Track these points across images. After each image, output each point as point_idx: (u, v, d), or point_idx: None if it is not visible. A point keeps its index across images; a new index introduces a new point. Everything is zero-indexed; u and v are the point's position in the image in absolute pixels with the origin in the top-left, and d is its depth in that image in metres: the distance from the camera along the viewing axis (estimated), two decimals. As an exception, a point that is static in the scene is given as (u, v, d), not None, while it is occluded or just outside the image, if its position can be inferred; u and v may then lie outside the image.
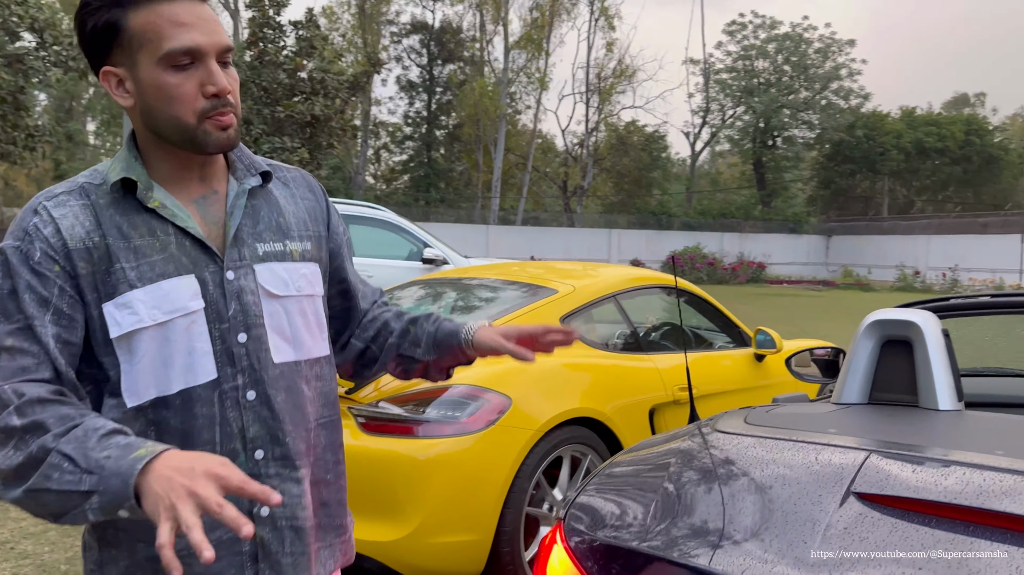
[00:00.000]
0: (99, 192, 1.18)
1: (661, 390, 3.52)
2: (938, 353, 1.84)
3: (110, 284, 1.13)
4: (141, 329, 1.13)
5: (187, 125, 1.14)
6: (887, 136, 35.43)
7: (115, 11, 1.12)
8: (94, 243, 1.14)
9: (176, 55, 1.12)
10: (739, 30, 38.79)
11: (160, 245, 1.16)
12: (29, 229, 1.13)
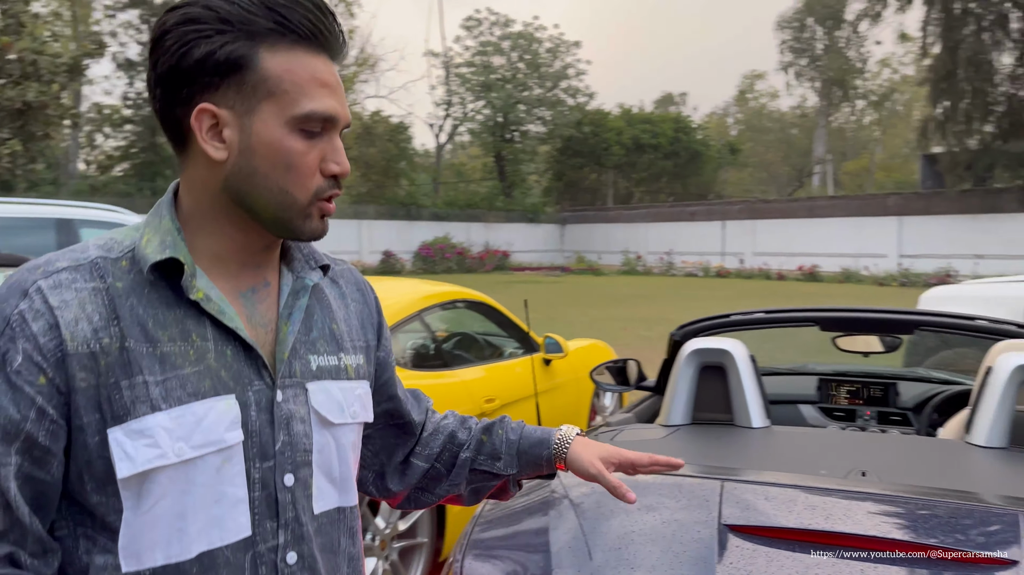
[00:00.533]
0: (117, 272, 0.88)
1: (469, 403, 3.65)
2: (748, 377, 2.13)
3: (122, 403, 0.84)
4: (159, 468, 0.85)
5: (294, 202, 0.91)
6: (610, 132, 38.58)
7: (245, 43, 0.87)
8: (103, 346, 0.85)
9: (313, 119, 0.90)
10: (476, 26, 40.02)
11: (195, 353, 0.88)
12: (12, 319, 0.83)
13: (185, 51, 0.87)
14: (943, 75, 25.60)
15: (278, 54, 0.89)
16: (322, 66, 0.91)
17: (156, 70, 0.89)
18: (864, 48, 44.95)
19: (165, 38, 0.88)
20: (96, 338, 0.85)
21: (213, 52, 0.86)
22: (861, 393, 3.11)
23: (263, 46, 0.88)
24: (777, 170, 52.87)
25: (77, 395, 0.84)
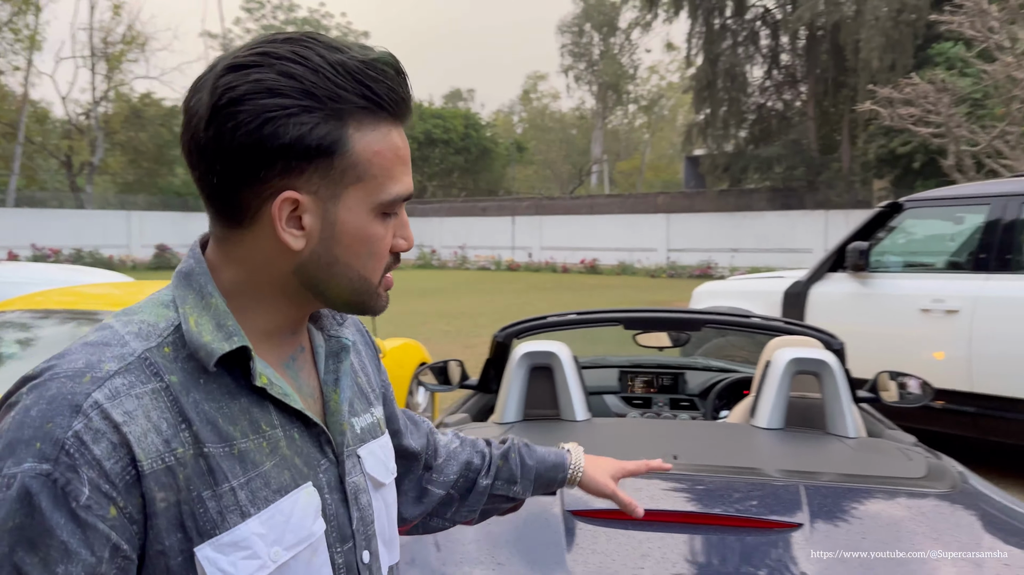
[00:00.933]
0: (167, 364, 0.76)
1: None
2: (572, 376, 2.34)
3: (208, 516, 0.74)
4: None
5: (368, 286, 0.84)
6: (401, 126, 38.62)
7: (335, 124, 0.77)
8: (178, 457, 0.73)
9: (396, 204, 0.83)
10: (258, 8, 38.36)
11: (268, 445, 0.79)
12: (67, 444, 0.68)
13: (270, 131, 0.75)
14: (705, 84, 28.20)
15: (366, 134, 0.79)
16: (401, 141, 0.83)
17: (220, 142, 0.76)
18: (636, 55, 48.26)
19: (238, 108, 0.75)
20: (170, 450, 0.73)
21: (303, 136, 0.75)
22: (655, 382, 3.47)
23: (351, 125, 0.78)
24: (559, 168, 55.49)
25: (157, 519, 0.72)
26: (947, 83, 9.95)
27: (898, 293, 5.21)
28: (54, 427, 0.69)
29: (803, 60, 27.88)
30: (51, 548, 0.67)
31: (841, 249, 5.56)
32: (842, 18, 23.85)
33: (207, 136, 0.76)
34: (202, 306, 0.79)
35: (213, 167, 0.77)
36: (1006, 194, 4.91)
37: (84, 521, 0.68)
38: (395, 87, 0.79)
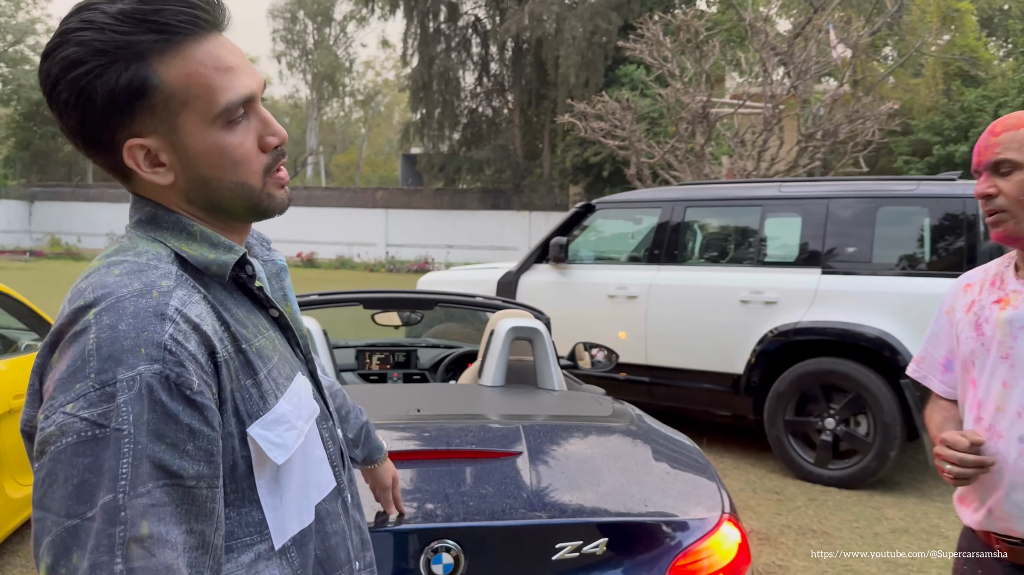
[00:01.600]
0: (201, 280, 0.88)
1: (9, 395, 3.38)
2: (323, 349, 2.56)
3: (254, 401, 0.87)
4: (295, 444, 0.92)
5: (252, 189, 0.91)
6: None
7: (137, 66, 0.83)
8: (230, 352, 0.86)
9: (234, 108, 0.87)
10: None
11: (270, 343, 0.93)
12: (168, 344, 0.79)
13: (86, 98, 0.84)
14: (421, 85, 29.04)
15: (171, 63, 0.85)
16: (216, 49, 0.88)
17: (66, 123, 0.86)
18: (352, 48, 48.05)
19: (57, 90, 0.84)
20: (224, 346, 0.86)
21: (113, 90, 0.83)
22: (389, 359, 3.78)
23: (154, 61, 0.84)
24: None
25: (226, 404, 0.85)
26: (631, 102, 11.44)
27: (590, 281, 6.04)
28: (151, 334, 0.78)
29: (510, 70, 29.79)
30: (178, 432, 0.78)
31: (545, 244, 6.29)
32: (544, 34, 25.88)
33: (60, 123, 0.88)
34: (186, 236, 0.90)
35: (76, 143, 0.88)
36: (673, 199, 5.92)
37: (200, 404, 0.80)
38: (182, 8, 0.85)
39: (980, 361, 1.54)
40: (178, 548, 0.77)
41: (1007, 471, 1.46)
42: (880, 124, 10.41)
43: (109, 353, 0.77)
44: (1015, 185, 1.44)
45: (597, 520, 1.76)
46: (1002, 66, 26.70)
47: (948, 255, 4.82)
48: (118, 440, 0.75)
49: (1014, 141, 1.44)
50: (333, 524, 0.99)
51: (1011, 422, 1.47)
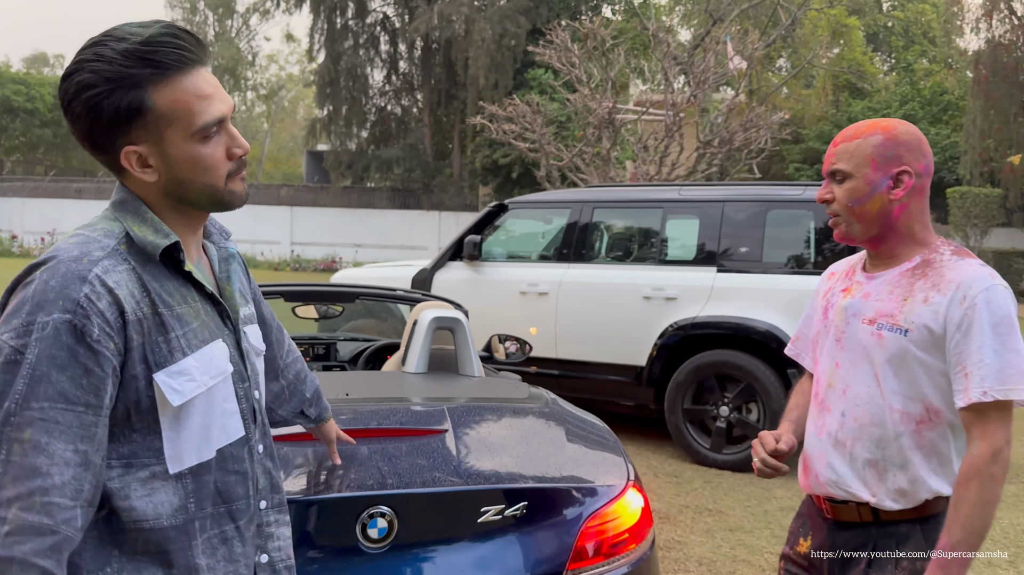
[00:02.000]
0: (134, 256, 1.13)
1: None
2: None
3: (162, 354, 1.11)
4: (195, 395, 1.14)
5: (217, 189, 1.18)
6: (-28, 88, 32.81)
7: (135, 92, 1.09)
8: (144, 313, 1.11)
9: (209, 128, 1.14)
10: None
11: (193, 311, 1.17)
12: (81, 300, 1.04)
13: (95, 114, 1.10)
14: (328, 81, 28.67)
15: (162, 91, 1.12)
16: (198, 81, 1.14)
17: (77, 130, 1.13)
18: (255, 42, 46.83)
19: (73, 106, 1.11)
20: (139, 308, 1.10)
21: (117, 109, 1.10)
22: (309, 352, 3.87)
23: (149, 88, 1.11)
24: (171, 151, 51.61)
25: (132, 353, 1.09)
26: (541, 106, 11.73)
27: (503, 278, 6.24)
28: (70, 291, 1.04)
29: (419, 69, 29.79)
30: (75, 368, 1.03)
31: (459, 242, 6.46)
32: (454, 35, 26.02)
33: (70, 127, 1.14)
34: (139, 219, 1.17)
35: (85, 145, 1.16)
36: (582, 201, 6.19)
37: (96, 350, 1.05)
38: (174, 49, 1.12)
39: (822, 342, 1.75)
40: (58, 457, 1.01)
41: (829, 443, 1.68)
42: (772, 133, 11.05)
43: (38, 301, 1.04)
44: (845, 192, 1.63)
45: (517, 486, 1.95)
46: (886, 79, 28.52)
47: (832, 255, 5.25)
48: (24, 365, 1.02)
49: (846, 152, 1.63)
50: (236, 465, 1.22)
51: (837, 398, 1.68)
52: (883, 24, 32.29)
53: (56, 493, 1.00)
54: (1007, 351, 1.49)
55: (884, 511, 1.62)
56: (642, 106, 12.28)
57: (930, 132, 23.17)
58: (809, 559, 1.75)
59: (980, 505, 1.47)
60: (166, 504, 1.12)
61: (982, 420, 1.50)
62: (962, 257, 1.61)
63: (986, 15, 21.72)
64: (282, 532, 1.32)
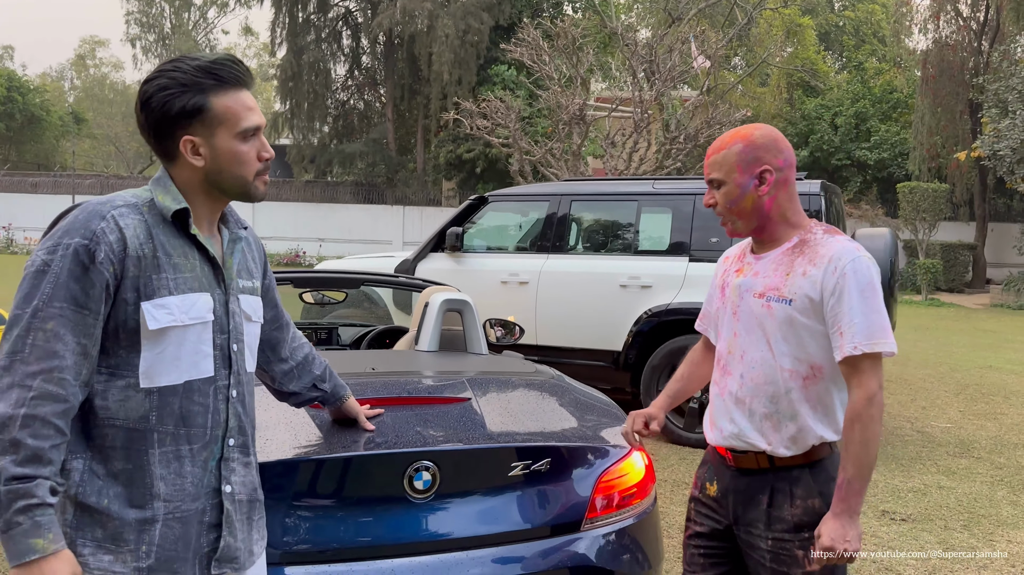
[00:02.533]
0: (149, 213, 1.44)
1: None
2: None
3: (151, 287, 1.40)
4: (172, 327, 1.41)
5: (246, 181, 1.49)
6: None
7: (200, 96, 1.43)
8: (144, 253, 1.40)
9: (249, 132, 1.47)
10: None
11: (190, 265, 1.46)
12: (97, 231, 1.37)
13: (167, 109, 1.44)
14: (290, 75, 28.51)
15: (220, 98, 1.46)
16: (244, 97, 1.49)
17: (148, 119, 1.46)
18: (212, 35, 46.16)
19: (151, 101, 1.45)
20: (141, 248, 1.40)
21: (184, 106, 1.44)
22: (312, 337, 4.06)
23: (211, 95, 1.45)
24: (125, 145, 50.69)
25: (126, 281, 1.39)
26: (510, 102, 11.97)
27: (484, 269, 6.47)
28: (90, 224, 1.38)
29: (382, 64, 29.77)
30: (84, 281, 1.35)
31: (441, 233, 6.66)
32: (417, 31, 26.06)
33: (142, 118, 1.47)
34: (164, 191, 1.49)
35: (148, 133, 1.47)
36: (560, 194, 6.44)
37: (98, 270, 1.37)
38: (233, 71, 1.47)
39: (722, 316, 1.99)
40: (69, 346, 1.34)
41: (730, 401, 1.92)
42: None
43: (67, 228, 1.38)
44: (723, 196, 1.89)
45: (540, 445, 2.18)
46: (837, 78, 29.29)
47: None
48: (50, 274, 1.35)
49: (716, 163, 1.89)
50: (200, 398, 1.47)
51: (736, 363, 1.91)
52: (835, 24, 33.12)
53: (67, 372, 1.33)
54: (871, 312, 1.75)
55: (778, 458, 1.86)
56: (608, 103, 12.57)
57: (880, 129, 23.95)
58: (717, 501, 1.98)
59: (864, 443, 1.74)
60: (134, 411, 1.41)
61: (857, 371, 1.76)
62: (832, 235, 1.87)
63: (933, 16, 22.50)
64: (242, 470, 1.55)
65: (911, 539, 4.03)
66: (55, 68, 59.47)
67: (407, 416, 2.22)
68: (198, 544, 1.47)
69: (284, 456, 1.95)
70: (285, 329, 1.87)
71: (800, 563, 1.82)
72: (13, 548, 1.26)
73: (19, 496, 1.26)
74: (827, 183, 5.93)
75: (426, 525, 2.00)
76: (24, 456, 1.27)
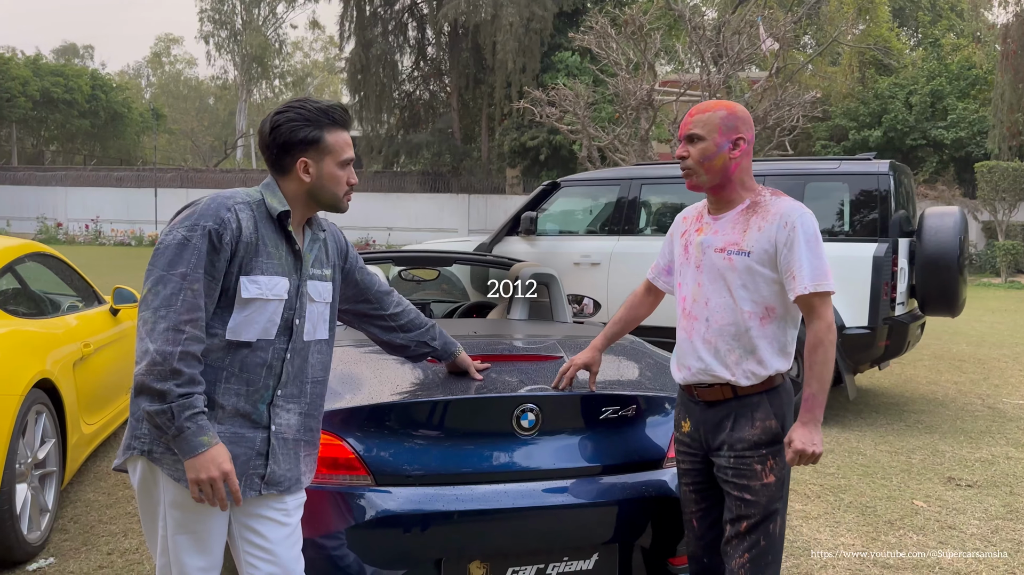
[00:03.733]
0: (258, 210, 1.88)
1: (78, 343, 3.91)
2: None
3: (250, 266, 1.83)
4: (257, 298, 1.84)
5: (338, 197, 1.94)
6: (13, 81, 33.72)
7: (318, 130, 1.88)
8: (252, 240, 1.83)
9: (346, 162, 1.93)
10: None
11: (279, 254, 1.89)
12: (224, 218, 1.79)
13: (291, 136, 1.86)
14: (359, 68, 29.19)
15: (332, 133, 1.90)
16: (346, 135, 1.94)
17: (276, 141, 1.87)
18: (281, 30, 47.27)
19: (280, 127, 1.86)
20: (250, 237, 1.83)
21: (305, 136, 1.86)
22: None
23: (326, 131, 1.88)
24: (201, 139, 52.56)
25: (236, 258, 1.82)
26: (579, 89, 12.20)
27: (557, 251, 6.77)
28: (219, 212, 1.79)
29: (447, 54, 30.20)
30: (214, 255, 1.77)
31: (516, 218, 6.99)
32: (481, 20, 26.36)
33: (268, 140, 1.88)
34: (272, 195, 1.91)
35: (271, 150, 1.89)
36: (630, 178, 6.69)
37: (222, 248, 1.78)
38: (340, 116, 1.91)
39: (684, 270, 2.29)
40: (203, 302, 1.75)
41: (698, 342, 2.19)
42: (804, 111, 11.43)
43: (202, 212, 1.80)
44: (699, 151, 2.16)
45: (627, 393, 2.49)
46: (912, 55, 28.51)
47: (864, 223, 5.72)
48: (192, 247, 1.75)
49: (700, 122, 2.16)
50: (261, 354, 1.87)
51: (701, 309, 2.20)
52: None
53: (203, 321, 1.76)
54: (816, 258, 2.08)
55: (740, 387, 2.16)
56: (676, 87, 12.69)
57: (958, 107, 23.28)
58: (691, 436, 2.28)
59: (824, 363, 2.06)
60: (213, 353, 1.81)
61: (812, 307, 2.08)
62: (779, 196, 2.18)
63: (1014, -12, 21.75)
64: (287, 416, 1.92)
65: (976, 503, 4.19)
66: (132, 66, 61.91)
67: (510, 369, 2.55)
68: (252, 465, 1.87)
69: (414, 399, 2.31)
70: (384, 297, 2.31)
71: (759, 475, 2.13)
72: (186, 445, 1.71)
73: (185, 408, 1.70)
74: (896, 162, 6.03)
75: (530, 457, 2.32)
76: (184, 380, 1.71)
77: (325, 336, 2.02)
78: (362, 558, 2.16)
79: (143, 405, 1.72)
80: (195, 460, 1.71)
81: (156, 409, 1.70)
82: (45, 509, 3.45)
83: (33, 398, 3.28)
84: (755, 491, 2.13)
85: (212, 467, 1.72)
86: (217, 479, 1.73)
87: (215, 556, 1.89)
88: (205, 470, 1.72)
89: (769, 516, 2.14)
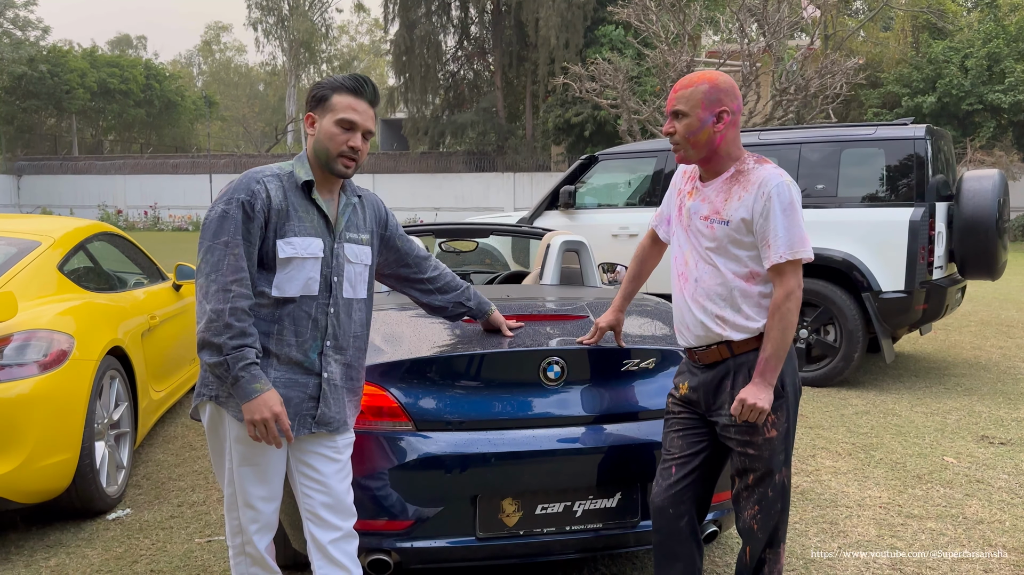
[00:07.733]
0: (287, 180, 2.11)
1: (145, 315, 4.23)
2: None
3: (283, 230, 2.06)
4: (294, 257, 2.07)
5: (330, 154, 2.09)
6: (71, 74, 34.86)
7: (330, 91, 2.10)
8: (282, 208, 2.07)
9: (345, 122, 2.08)
10: None
11: (310, 219, 2.12)
12: (255, 190, 2.04)
13: (313, 95, 2.12)
14: (404, 50, 29.45)
15: (340, 96, 2.09)
16: (354, 101, 2.09)
17: (307, 104, 2.13)
18: (327, 14, 47.72)
19: (314, 93, 2.12)
20: (281, 204, 2.07)
21: (317, 94, 2.11)
22: None
23: (336, 92, 2.09)
24: (252, 125, 53.56)
25: (270, 224, 2.06)
26: (618, 63, 12.23)
27: (596, 223, 6.91)
28: (250, 185, 2.05)
29: (490, 33, 30.24)
30: (247, 222, 2.02)
31: (555, 192, 7.14)
32: (524, -3, 26.35)
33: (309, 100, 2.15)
34: (301, 166, 2.15)
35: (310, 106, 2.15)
36: (667, 150, 6.78)
37: (254, 217, 2.04)
38: (357, 83, 2.10)
39: (678, 232, 2.37)
40: (245, 264, 1.99)
41: (693, 304, 2.29)
42: (847, 78, 11.30)
43: (236, 187, 2.04)
44: (683, 127, 2.22)
45: (648, 347, 2.66)
46: (968, 17, 27.58)
47: (901, 188, 5.74)
48: (230, 218, 2.00)
49: (683, 98, 2.21)
50: (306, 308, 2.10)
51: (691, 271, 2.29)
52: (966, -41, 31.08)
53: (248, 280, 2.00)
54: (792, 227, 2.14)
55: (735, 343, 2.24)
56: (717, 57, 12.63)
57: (1016, 70, 22.53)
58: (687, 398, 2.37)
59: (782, 329, 2.15)
60: (264, 309, 2.05)
61: (781, 275, 2.17)
62: (761, 164, 2.22)
63: (1076, -57, 20.88)
64: (334, 366, 2.15)
65: (1007, 459, 4.27)
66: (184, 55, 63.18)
67: (539, 327, 2.75)
68: (305, 407, 2.10)
69: (450, 353, 2.53)
70: (423, 262, 2.51)
71: (761, 431, 2.22)
72: (241, 391, 1.97)
73: (239, 359, 1.95)
74: (933, 127, 6.01)
75: (558, 405, 2.52)
76: (235, 333, 1.96)
77: (364, 296, 2.23)
78: (404, 496, 2.39)
79: (204, 358, 1.99)
80: (250, 404, 1.97)
81: (215, 361, 1.96)
82: (121, 466, 3.77)
83: (107, 364, 3.59)
84: (758, 446, 2.23)
85: (264, 409, 1.96)
86: (269, 419, 1.97)
87: (275, 487, 2.13)
88: (259, 411, 1.96)
89: (774, 468, 2.25)
